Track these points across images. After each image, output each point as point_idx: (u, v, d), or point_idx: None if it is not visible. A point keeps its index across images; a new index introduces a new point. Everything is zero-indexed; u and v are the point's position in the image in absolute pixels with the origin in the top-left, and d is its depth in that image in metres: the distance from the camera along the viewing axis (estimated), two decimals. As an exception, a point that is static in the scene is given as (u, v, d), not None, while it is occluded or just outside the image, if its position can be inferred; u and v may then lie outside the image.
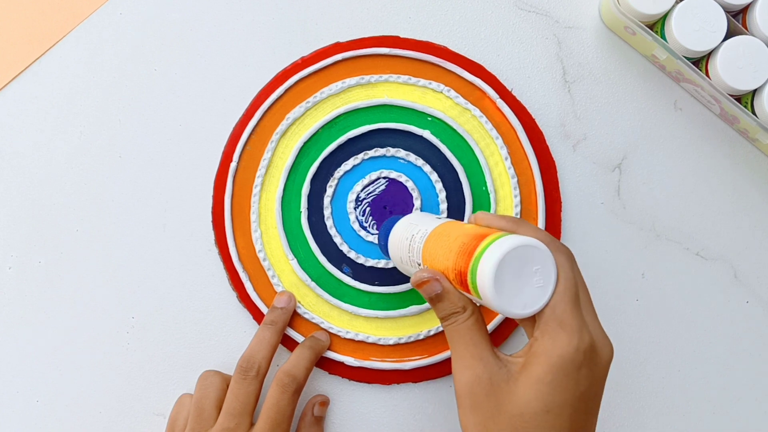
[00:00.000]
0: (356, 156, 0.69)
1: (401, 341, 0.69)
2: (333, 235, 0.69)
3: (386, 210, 0.69)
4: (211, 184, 0.70)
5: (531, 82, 0.72)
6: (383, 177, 0.69)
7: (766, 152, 0.72)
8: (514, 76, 0.72)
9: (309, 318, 0.69)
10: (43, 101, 0.71)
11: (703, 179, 0.72)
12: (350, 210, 0.69)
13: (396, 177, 0.69)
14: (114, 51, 0.71)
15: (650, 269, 0.72)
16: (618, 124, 0.72)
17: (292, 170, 0.69)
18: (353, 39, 0.71)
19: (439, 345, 0.69)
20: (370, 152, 0.69)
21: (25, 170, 0.71)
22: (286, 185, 0.69)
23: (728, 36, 0.66)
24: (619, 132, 0.72)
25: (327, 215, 0.69)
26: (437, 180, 0.69)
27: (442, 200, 0.69)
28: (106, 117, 0.71)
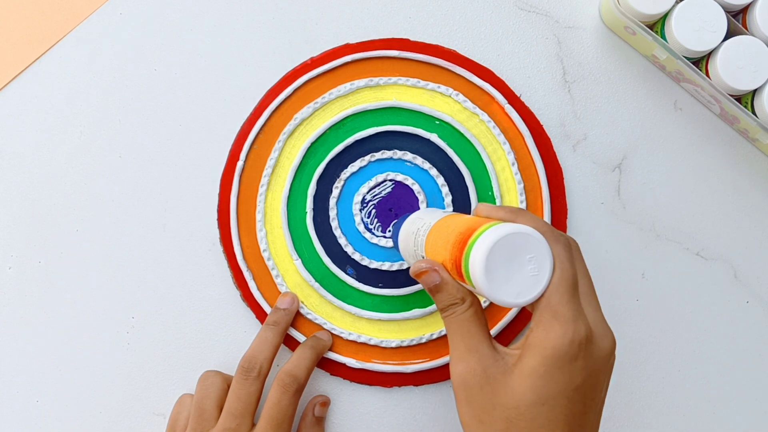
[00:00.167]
0: (363, 158, 0.69)
1: (403, 344, 0.69)
2: (338, 237, 0.69)
3: (392, 212, 0.69)
4: (213, 184, 0.70)
5: (531, 82, 0.72)
6: (389, 179, 0.70)
7: (766, 152, 0.72)
8: (515, 77, 0.72)
9: (312, 319, 0.69)
10: (43, 101, 0.71)
11: (703, 179, 0.72)
12: (356, 212, 0.70)
13: (402, 180, 0.69)
14: (114, 51, 0.71)
15: (650, 269, 0.72)
16: (618, 124, 0.72)
17: (299, 170, 0.70)
18: (362, 41, 0.71)
19: (442, 349, 0.69)
20: (377, 154, 0.69)
21: (25, 170, 0.70)
22: (293, 185, 0.69)
23: (728, 36, 0.66)
24: (619, 132, 0.72)
25: (332, 216, 0.69)
26: (443, 184, 0.69)
27: (448, 204, 0.69)
28: (106, 117, 0.71)
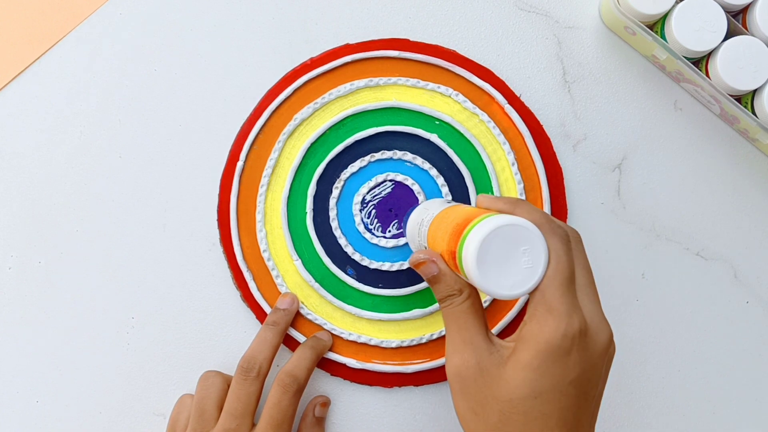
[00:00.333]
0: (363, 158, 0.69)
1: (404, 344, 0.69)
2: (338, 237, 0.69)
3: (391, 213, 0.69)
4: (213, 184, 0.70)
5: (531, 82, 0.72)
6: (389, 180, 0.69)
7: (766, 152, 0.72)
8: (514, 77, 0.72)
9: (312, 319, 0.69)
10: (43, 101, 0.71)
11: (703, 179, 0.72)
12: (356, 212, 0.69)
13: (402, 180, 0.69)
14: (114, 51, 0.71)
15: (650, 269, 0.72)
16: (618, 124, 0.72)
17: (299, 171, 0.69)
18: (362, 41, 0.71)
19: (442, 349, 0.69)
20: (377, 155, 0.69)
21: (25, 170, 0.70)
22: (293, 186, 0.69)
23: (728, 36, 0.66)
24: (619, 132, 0.72)
25: (332, 216, 0.69)
26: (443, 184, 0.69)
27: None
28: (106, 117, 0.71)
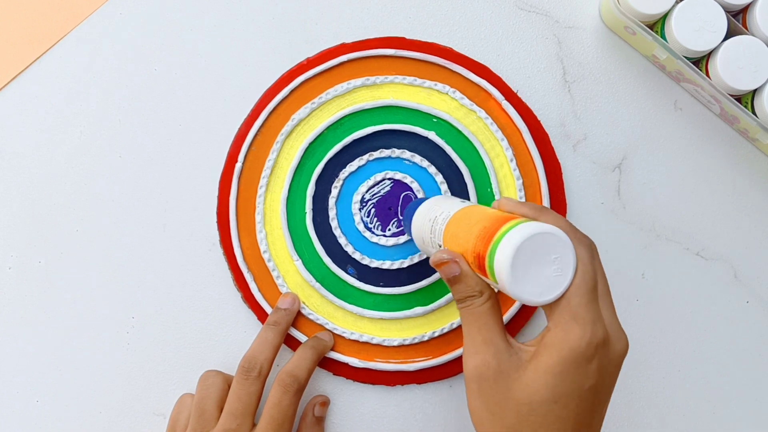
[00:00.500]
0: (361, 157, 0.69)
1: (406, 342, 0.69)
2: (338, 236, 0.69)
3: (391, 211, 0.69)
4: (213, 184, 0.70)
5: (531, 82, 0.72)
6: (388, 178, 0.69)
7: (766, 152, 0.72)
8: (515, 76, 0.72)
9: (313, 319, 0.69)
10: (43, 101, 0.71)
11: (703, 179, 0.72)
12: (355, 211, 0.69)
13: (401, 178, 0.69)
14: (114, 51, 0.71)
15: (650, 269, 0.72)
16: (618, 124, 0.72)
17: (297, 171, 0.69)
18: (358, 40, 0.71)
19: (444, 346, 0.69)
20: (376, 153, 0.69)
21: (25, 170, 0.70)
22: (291, 186, 0.69)
23: (728, 36, 0.66)
24: (619, 132, 0.72)
25: (332, 216, 0.69)
26: (442, 181, 0.69)
27: (449, 202, 0.69)
28: (106, 117, 0.71)
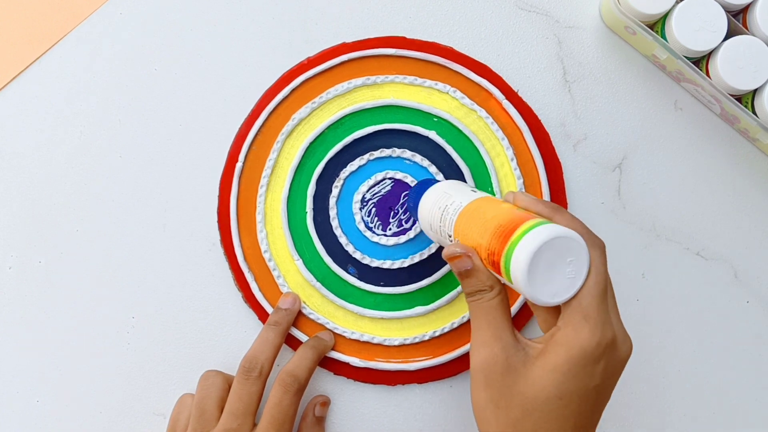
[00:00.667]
0: (362, 156, 0.69)
1: (406, 342, 0.69)
2: (338, 236, 0.69)
3: (391, 211, 0.69)
4: (213, 184, 0.70)
5: (531, 82, 0.72)
6: (389, 177, 0.69)
7: (767, 152, 0.72)
8: (515, 76, 0.72)
9: (314, 318, 0.69)
10: (43, 101, 0.71)
11: (703, 179, 0.72)
12: (356, 210, 0.69)
13: (402, 178, 0.69)
14: (114, 51, 0.71)
15: (650, 269, 0.72)
16: (618, 124, 0.72)
17: (298, 171, 0.69)
18: (359, 39, 0.71)
19: (445, 346, 0.69)
20: (376, 153, 0.69)
21: (25, 170, 0.70)
22: (292, 186, 0.69)
23: (728, 36, 0.66)
24: (620, 132, 0.72)
25: (333, 216, 0.69)
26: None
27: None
28: (106, 117, 0.71)
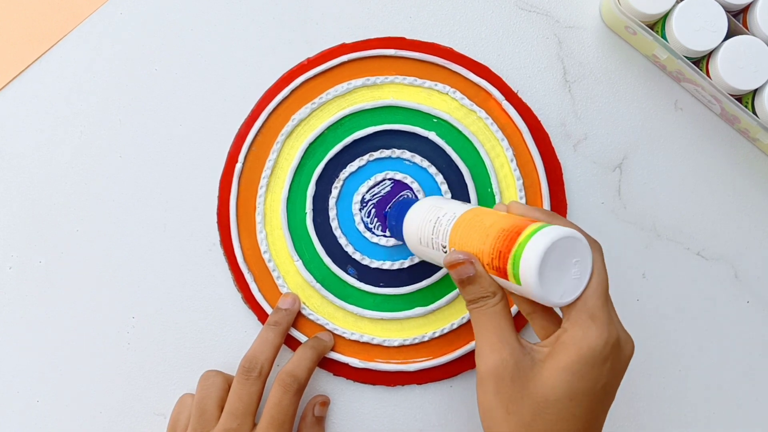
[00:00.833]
0: (362, 157, 0.69)
1: (406, 343, 0.69)
2: (338, 237, 0.69)
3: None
4: (214, 184, 0.70)
5: (532, 82, 0.72)
6: (389, 178, 0.69)
7: (767, 152, 0.72)
8: (515, 76, 0.72)
9: (314, 319, 0.69)
10: (44, 101, 0.71)
11: (704, 179, 0.72)
12: (355, 211, 0.69)
13: (401, 178, 0.69)
14: (114, 51, 0.71)
15: (650, 269, 0.72)
16: (618, 124, 0.72)
17: (298, 171, 0.69)
18: (359, 40, 0.71)
19: (444, 347, 0.69)
20: (376, 153, 0.69)
21: (25, 170, 0.70)
22: (292, 186, 0.69)
23: (729, 36, 0.66)
24: (620, 132, 0.72)
25: (332, 216, 0.69)
26: (442, 182, 0.69)
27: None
28: (106, 117, 0.71)
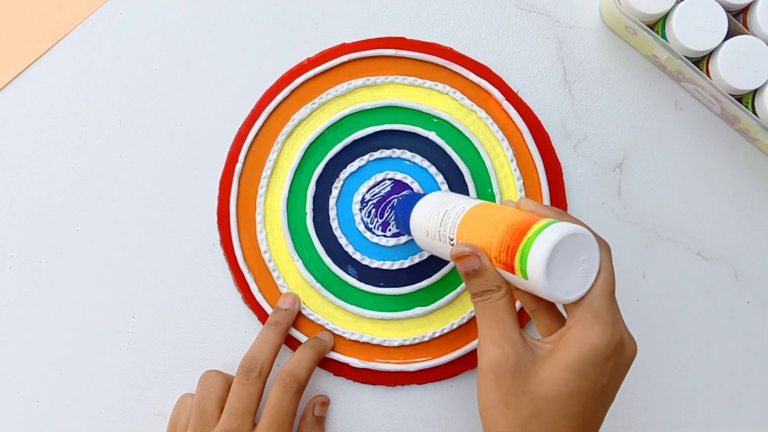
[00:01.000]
0: (362, 157, 0.69)
1: (406, 343, 0.69)
2: (338, 237, 0.69)
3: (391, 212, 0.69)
4: (214, 184, 0.70)
5: (532, 82, 0.72)
6: (389, 178, 0.69)
7: (767, 152, 0.72)
8: (515, 76, 0.72)
9: (314, 319, 0.69)
10: (44, 101, 0.71)
11: (704, 179, 0.72)
12: (356, 211, 0.69)
13: (401, 178, 0.69)
14: (114, 51, 0.71)
15: (650, 269, 0.72)
16: (619, 124, 0.72)
17: (298, 171, 0.69)
18: (359, 40, 0.71)
19: (444, 347, 0.69)
20: (376, 153, 0.69)
21: (25, 170, 0.70)
22: (292, 186, 0.69)
23: (729, 36, 0.66)
24: (620, 132, 0.72)
25: (332, 216, 0.69)
26: (443, 182, 0.69)
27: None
28: (106, 117, 0.71)
